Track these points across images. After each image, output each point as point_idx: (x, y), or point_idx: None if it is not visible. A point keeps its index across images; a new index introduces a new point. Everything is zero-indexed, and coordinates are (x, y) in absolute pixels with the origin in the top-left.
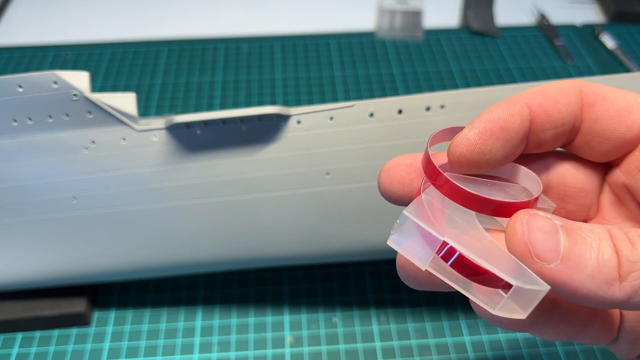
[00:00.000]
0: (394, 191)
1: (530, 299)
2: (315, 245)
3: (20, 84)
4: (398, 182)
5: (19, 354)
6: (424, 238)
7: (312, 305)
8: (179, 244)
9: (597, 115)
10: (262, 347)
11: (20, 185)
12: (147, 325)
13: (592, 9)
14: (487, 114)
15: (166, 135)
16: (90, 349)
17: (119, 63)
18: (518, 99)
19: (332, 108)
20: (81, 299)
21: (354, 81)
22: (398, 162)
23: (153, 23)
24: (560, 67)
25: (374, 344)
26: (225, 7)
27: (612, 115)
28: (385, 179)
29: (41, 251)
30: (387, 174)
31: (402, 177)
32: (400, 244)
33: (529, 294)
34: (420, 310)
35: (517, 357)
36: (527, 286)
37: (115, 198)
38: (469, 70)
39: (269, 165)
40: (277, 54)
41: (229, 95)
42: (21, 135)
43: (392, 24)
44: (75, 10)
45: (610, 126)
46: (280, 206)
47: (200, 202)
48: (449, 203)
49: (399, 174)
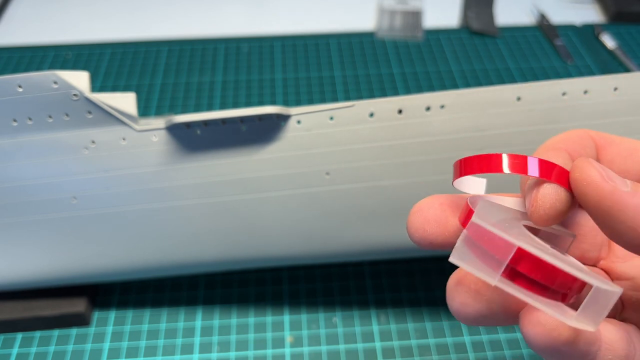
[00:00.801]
0: (430, 231)
1: (604, 304)
2: (315, 245)
3: (20, 84)
4: (434, 221)
5: (19, 354)
6: (492, 248)
7: (312, 305)
8: (179, 244)
9: (612, 157)
10: (262, 347)
11: (20, 185)
12: (147, 325)
13: (592, 9)
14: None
15: (166, 135)
16: (90, 349)
17: (119, 63)
18: (556, 146)
19: (332, 108)
20: (81, 299)
21: (354, 81)
22: (430, 202)
23: (153, 23)
24: (560, 67)
25: (374, 344)
26: (225, 7)
27: (625, 155)
28: (417, 219)
29: (41, 251)
30: (420, 214)
31: (437, 216)
32: (464, 259)
33: (604, 298)
34: (420, 310)
35: (517, 356)
36: (604, 287)
37: (115, 198)
38: (469, 70)
39: (269, 165)
40: (277, 54)
41: (229, 95)
42: (21, 135)
43: (392, 24)
44: (75, 10)
45: (624, 165)
46: (280, 206)
47: (200, 202)
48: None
49: (434, 213)
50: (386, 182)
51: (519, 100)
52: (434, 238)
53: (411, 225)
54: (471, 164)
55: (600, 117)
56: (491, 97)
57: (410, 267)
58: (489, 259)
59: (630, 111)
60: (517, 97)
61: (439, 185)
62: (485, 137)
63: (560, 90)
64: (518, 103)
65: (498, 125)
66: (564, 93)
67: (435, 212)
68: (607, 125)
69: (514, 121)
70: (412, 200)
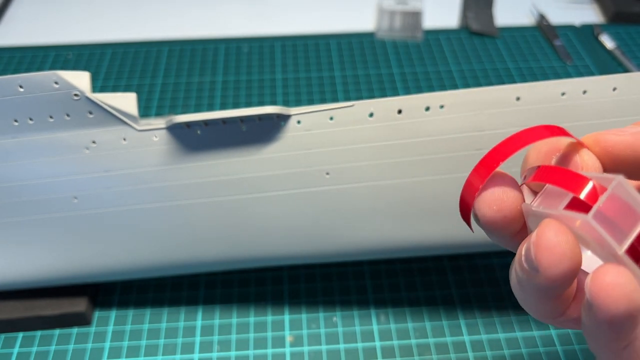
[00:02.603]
0: (506, 210)
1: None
2: (315, 244)
3: (21, 84)
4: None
5: (20, 353)
6: (622, 220)
7: (312, 304)
8: (179, 244)
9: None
10: (263, 347)
11: (22, 184)
12: (147, 324)
13: (592, 9)
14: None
15: (167, 135)
16: (90, 348)
17: (119, 63)
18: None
19: (332, 108)
20: (82, 298)
21: (353, 81)
22: (494, 189)
23: (153, 23)
24: (559, 67)
25: (374, 343)
26: (226, 7)
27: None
28: (488, 203)
29: (42, 251)
30: (491, 197)
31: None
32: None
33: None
34: (420, 309)
35: (516, 356)
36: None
37: (116, 197)
38: (469, 70)
39: (269, 165)
40: (278, 54)
41: (229, 95)
42: (22, 135)
43: (392, 25)
44: (76, 10)
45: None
46: (280, 206)
47: (201, 202)
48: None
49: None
50: (386, 182)
51: (519, 101)
52: (510, 217)
53: (480, 209)
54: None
55: (599, 117)
56: (490, 98)
57: (409, 267)
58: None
59: (629, 111)
60: (516, 97)
61: (439, 185)
62: (485, 137)
63: (559, 91)
64: (517, 103)
65: (497, 125)
66: (563, 93)
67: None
68: (605, 125)
69: (513, 121)
70: (412, 200)
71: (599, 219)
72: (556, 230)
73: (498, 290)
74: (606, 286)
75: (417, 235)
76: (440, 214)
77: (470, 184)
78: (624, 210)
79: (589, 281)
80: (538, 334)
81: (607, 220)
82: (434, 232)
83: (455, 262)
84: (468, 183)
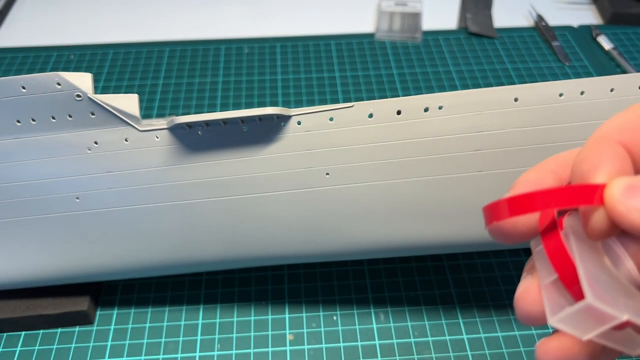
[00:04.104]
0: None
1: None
2: (315, 243)
3: (23, 85)
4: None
5: (22, 351)
6: (598, 319)
7: (312, 303)
8: (181, 243)
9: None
10: (263, 345)
11: (24, 184)
12: (149, 323)
13: (589, 10)
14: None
15: (168, 136)
16: (92, 346)
17: (121, 64)
18: (609, 135)
19: (332, 109)
20: (84, 297)
21: (353, 82)
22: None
23: (155, 25)
24: (557, 68)
25: (373, 342)
26: (227, 9)
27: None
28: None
29: (44, 250)
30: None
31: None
32: (566, 323)
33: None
34: (419, 308)
35: (516, 355)
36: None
37: (118, 197)
38: (467, 71)
39: (269, 165)
40: (278, 55)
41: (230, 96)
42: (25, 135)
43: (391, 26)
44: (77, 12)
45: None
46: (281, 205)
47: (202, 201)
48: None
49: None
50: (385, 182)
51: (517, 101)
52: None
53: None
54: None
55: (596, 118)
56: (489, 98)
57: (409, 266)
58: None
59: None
60: (514, 98)
61: (438, 185)
62: (483, 137)
63: (557, 91)
64: (516, 104)
65: (496, 125)
66: (561, 94)
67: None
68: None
69: (511, 122)
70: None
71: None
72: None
73: (497, 289)
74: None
75: (416, 234)
76: (439, 213)
77: (500, 209)
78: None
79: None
80: (536, 333)
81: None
82: (433, 232)
83: (454, 262)
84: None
